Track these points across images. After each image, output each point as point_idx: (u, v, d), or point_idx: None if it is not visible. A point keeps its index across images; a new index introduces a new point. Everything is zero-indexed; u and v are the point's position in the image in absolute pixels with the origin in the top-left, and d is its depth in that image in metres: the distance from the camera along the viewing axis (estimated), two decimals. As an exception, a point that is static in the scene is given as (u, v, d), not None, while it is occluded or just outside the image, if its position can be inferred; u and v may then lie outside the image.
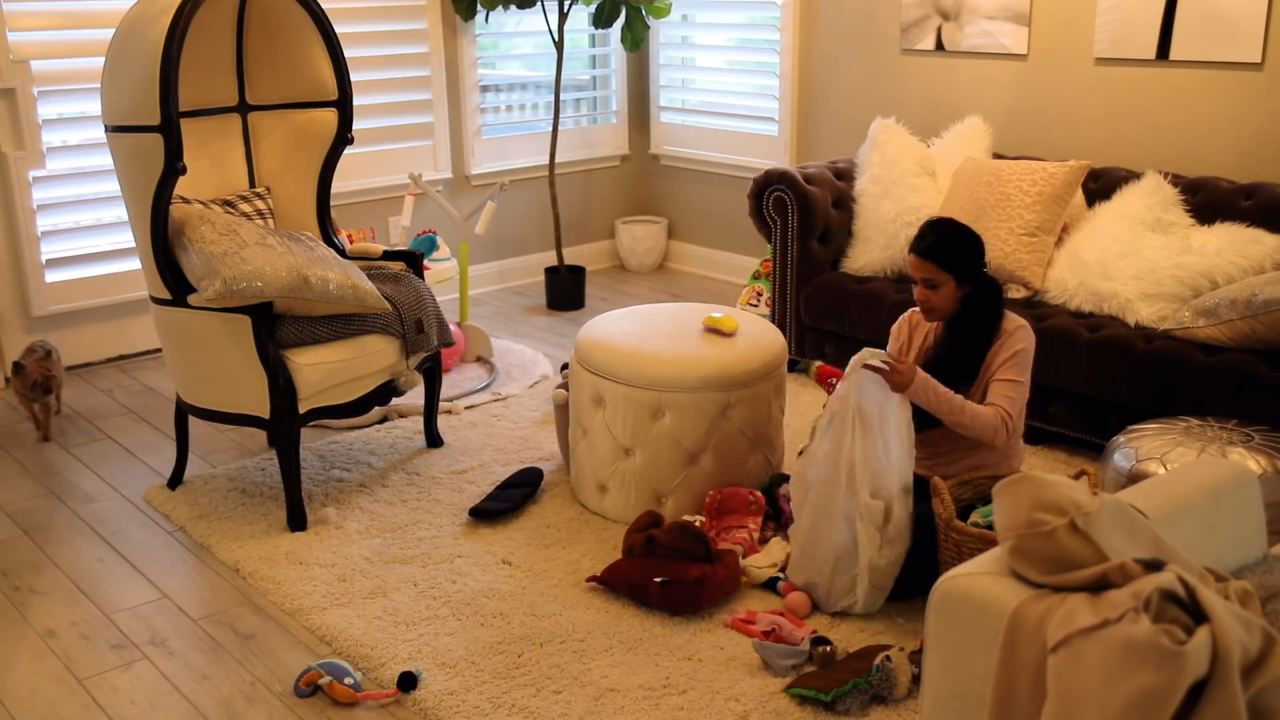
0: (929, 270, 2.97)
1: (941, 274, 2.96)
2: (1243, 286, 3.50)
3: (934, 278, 2.97)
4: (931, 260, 2.96)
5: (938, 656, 1.83)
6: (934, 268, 2.96)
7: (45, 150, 4.59)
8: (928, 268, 2.97)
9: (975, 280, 2.99)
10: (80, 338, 4.85)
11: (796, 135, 5.64)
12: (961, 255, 2.97)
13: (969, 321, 3.01)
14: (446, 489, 3.69)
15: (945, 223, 3.01)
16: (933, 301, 3.01)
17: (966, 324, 3.01)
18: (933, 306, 3.02)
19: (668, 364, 3.31)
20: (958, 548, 2.74)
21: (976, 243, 3.00)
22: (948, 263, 2.95)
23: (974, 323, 3.01)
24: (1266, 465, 3.01)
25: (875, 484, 2.83)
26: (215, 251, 3.24)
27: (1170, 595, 1.55)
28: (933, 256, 2.96)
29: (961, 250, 2.97)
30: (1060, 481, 1.74)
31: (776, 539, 3.21)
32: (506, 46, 6.01)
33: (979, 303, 3.01)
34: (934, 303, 3.01)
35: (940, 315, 3.03)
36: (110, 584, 3.20)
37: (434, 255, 4.75)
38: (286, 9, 3.72)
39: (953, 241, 2.97)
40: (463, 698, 2.64)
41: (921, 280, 2.99)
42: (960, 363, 3.01)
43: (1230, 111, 4.12)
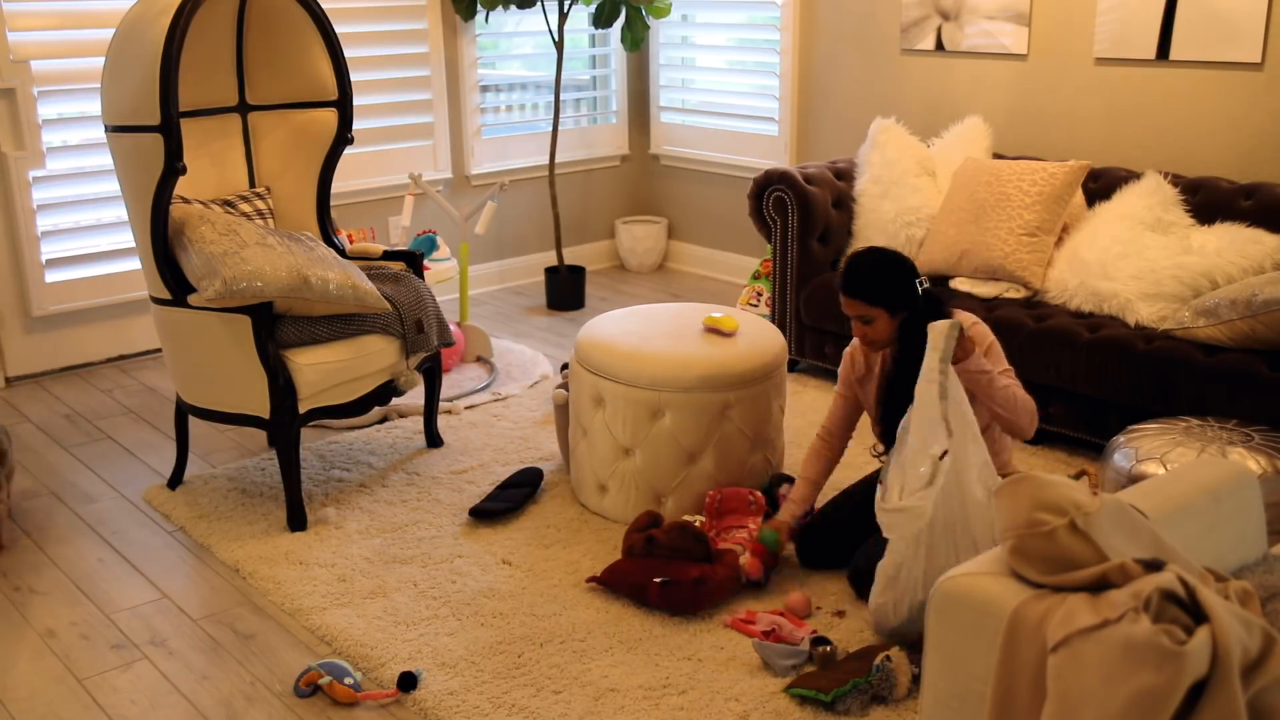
0: (858, 307, 2.88)
1: (871, 309, 2.87)
2: (1243, 286, 3.50)
3: (865, 313, 2.88)
4: (857, 297, 2.87)
5: (938, 656, 1.83)
6: (861, 304, 2.87)
7: (45, 150, 4.59)
8: (855, 305, 2.88)
9: (910, 304, 2.88)
10: (80, 338, 4.85)
11: (796, 135, 5.64)
12: (887, 286, 2.87)
13: (914, 344, 2.86)
14: (446, 489, 3.69)
15: (867, 255, 2.92)
16: (871, 335, 2.92)
17: (912, 347, 2.87)
18: (871, 340, 2.94)
19: (668, 364, 3.31)
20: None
21: (902, 268, 2.89)
22: (874, 296, 2.86)
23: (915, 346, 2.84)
24: (1266, 465, 3.01)
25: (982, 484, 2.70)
26: (215, 251, 3.24)
27: (1170, 595, 1.55)
28: (857, 293, 2.87)
29: (887, 281, 2.87)
30: (1060, 481, 1.74)
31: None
32: (506, 46, 6.01)
33: (920, 324, 2.85)
34: (872, 335, 2.92)
35: (883, 345, 2.95)
36: (110, 584, 3.20)
37: (434, 255, 4.75)
38: (286, 9, 3.72)
39: (874, 272, 2.88)
40: (463, 698, 2.64)
41: (854, 317, 2.91)
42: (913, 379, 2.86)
43: (1230, 111, 4.13)
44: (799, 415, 4.24)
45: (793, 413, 4.25)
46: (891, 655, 2.63)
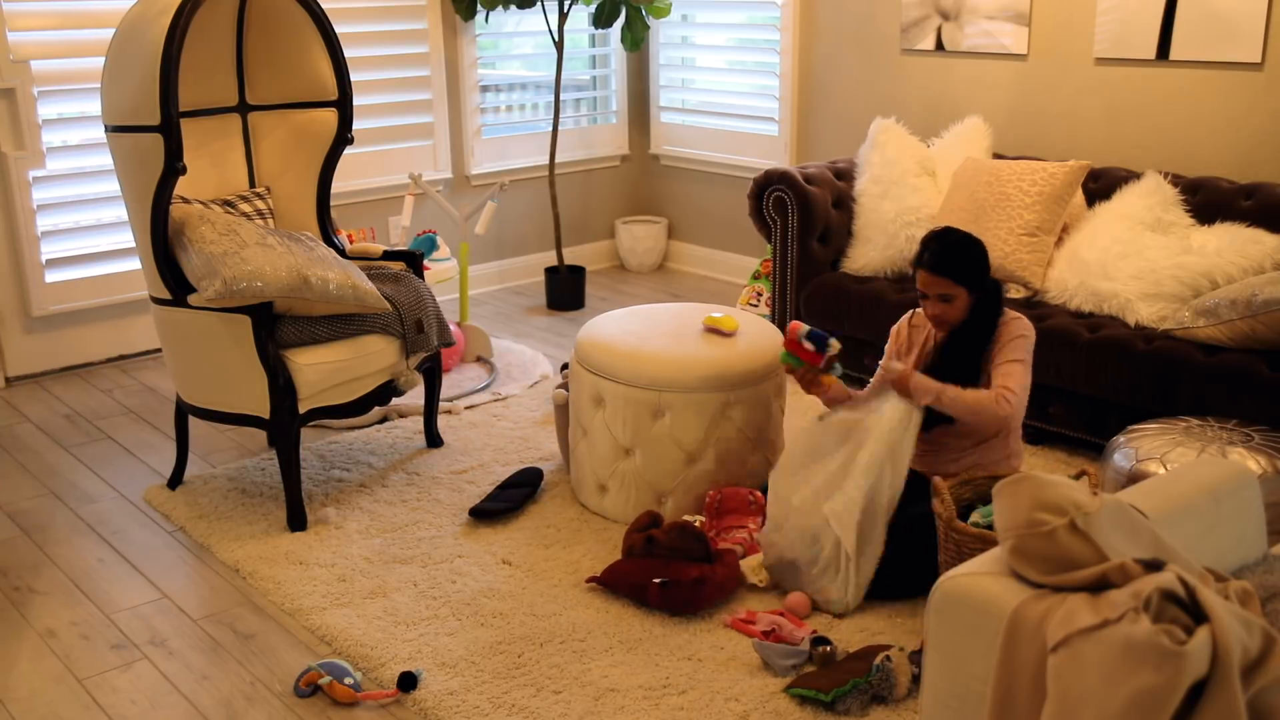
0: (943, 285, 2.91)
1: (956, 287, 2.91)
2: (1243, 286, 3.50)
3: (949, 291, 2.92)
4: (945, 275, 2.90)
5: (938, 656, 1.83)
6: (948, 282, 2.91)
7: (45, 150, 4.59)
8: (941, 283, 2.91)
9: (985, 286, 2.97)
10: (80, 338, 4.85)
11: (796, 135, 5.64)
12: (974, 264, 2.93)
13: (976, 326, 2.98)
14: (446, 489, 3.69)
15: (950, 232, 2.97)
16: (948, 315, 2.96)
17: (973, 328, 2.99)
18: (948, 319, 2.97)
19: (668, 364, 3.31)
20: (958, 548, 2.73)
21: (982, 248, 2.97)
22: (962, 274, 2.91)
23: (980, 326, 2.98)
24: (1266, 465, 3.01)
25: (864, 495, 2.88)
26: (215, 251, 3.24)
27: (1170, 595, 1.55)
28: (946, 271, 2.90)
29: (973, 259, 2.93)
30: (1060, 481, 1.74)
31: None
32: (506, 46, 6.01)
33: (986, 307, 2.98)
34: (949, 315, 2.96)
35: (953, 325, 2.99)
36: (110, 584, 3.20)
37: (434, 255, 4.75)
38: (286, 9, 3.72)
39: (963, 251, 2.92)
40: (463, 698, 2.64)
41: (935, 295, 2.93)
42: (967, 365, 2.99)
43: (1230, 111, 4.13)
44: (799, 415, 4.24)
45: (793, 413, 4.25)
46: (891, 655, 2.63)
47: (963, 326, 2.99)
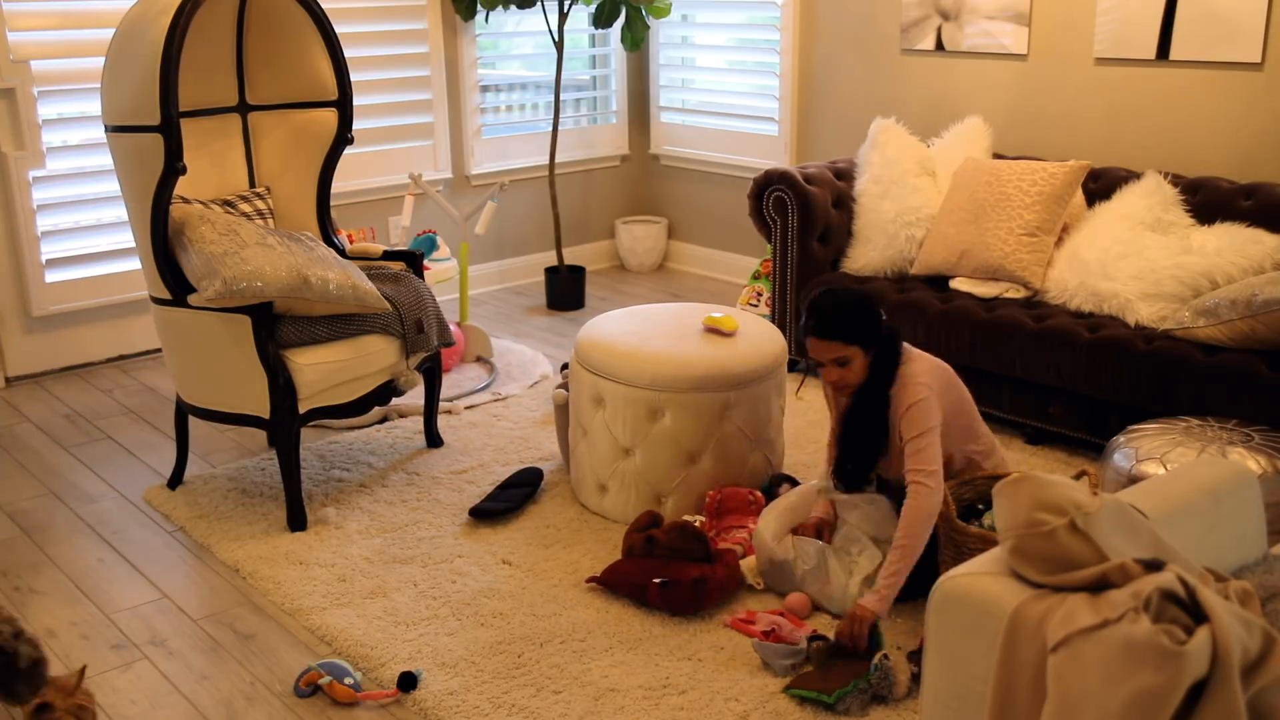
0: (834, 349, 2.79)
1: (849, 348, 2.79)
2: (1243, 286, 3.50)
3: (842, 354, 2.79)
4: (834, 338, 2.77)
5: (938, 656, 1.83)
6: (839, 345, 2.78)
7: (45, 150, 4.59)
8: (833, 347, 2.78)
9: (878, 340, 2.83)
10: (80, 338, 4.85)
11: (796, 135, 5.64)
12: (862, 321, 2.79)
13: (877, 383, 2.85)
14: (446, 489, 3.69)
15: (831, 295, 2.83)
16: (848, 378, 2.83)
17: (875, 386, 2.85)
18: (849, 383, 2.85)
19: (668, 364, 3.31)
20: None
21: (869, 302, 2.83)
22: (851, 334, 2.78)
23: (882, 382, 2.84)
24: (1266, 465, 3.01)
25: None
26: (215, 251, 3.24)
27: (1170, 595, 1.55)
28: (835, 334, 2.77)
29: (860, 315, 2.79)
30: (1060, 481, 1.74)
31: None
32: (506, 46, 6.01)
33: (884, 360, 2.84)
34: (850, 379, 2.84)
35: (856, 386, 2.86)
36: (110, 584, 3.20)
37: (434, 255, 4.75)
38: (286, 9, 3.72)
39: (849, 311, 2.78)
40: (463, 698, 2.64)
41: (831, 361, 2.81)
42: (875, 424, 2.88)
43: (1230, 111, 4.12)
44: (799, 415, 4.24)
45: (793, 413, 4.25)
46: (890, 655, 2.63)
47: (864, 386, 2.86)
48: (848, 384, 2.86)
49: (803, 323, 2.85)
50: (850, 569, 2.93)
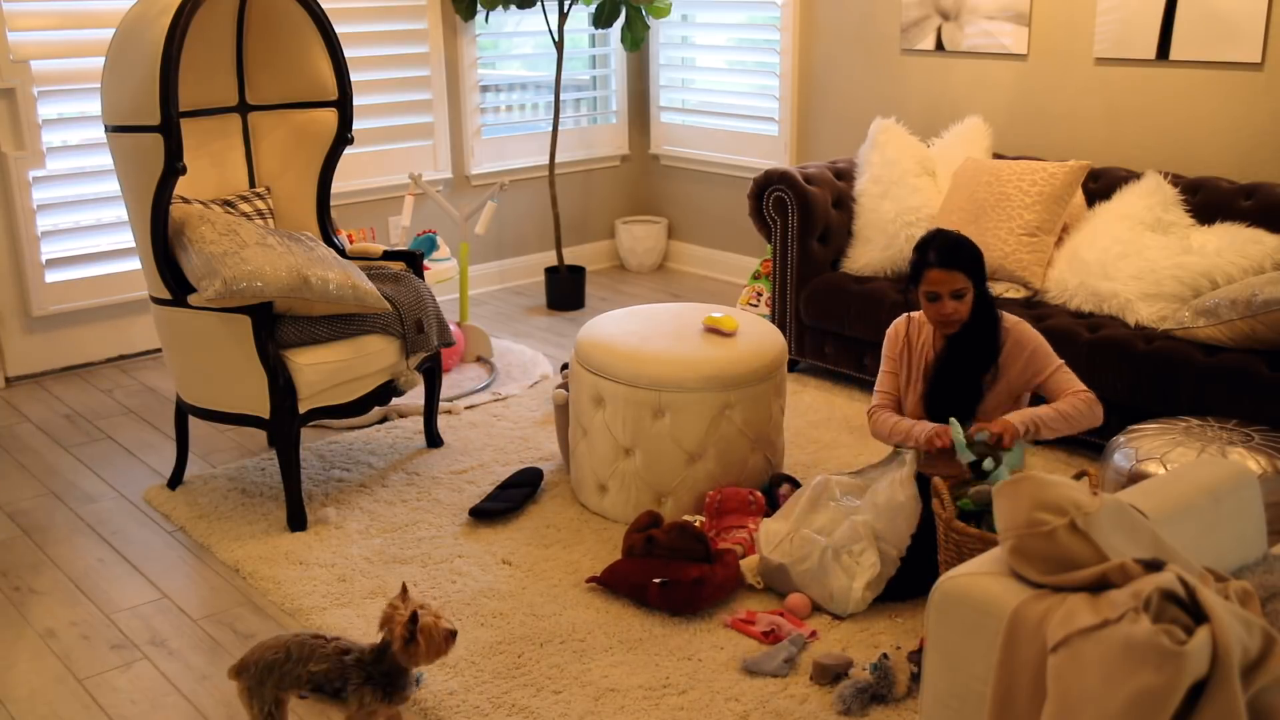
0: (956, 280, 2.92)
1: (967, 281, 2.93)
2: (1243, 286, 3.50)
3: (961, 286, 2.93)
4: (959, 269, 2.91)
5: (938, 656, 1.83)
6: (961, 276, 2.92)
7: (45, 150, 4.59)
8: (955, 278, 2.91)
9: (984, 283, 3.00)
10: (80, 338, 4.85)
11: (796, 135, 5.64)
12: (978, 258, 2.96)
13: (980, 325, 3.00)
14: (446, 489, 3.69)
15: (946, 231, 3.00)
16: (961, 311, 2.96)
17: (978, 328, 3.00)
18: (961, 316, 2.98)
19: (668, 364, 3.31)
20: (958, 548, 2.73)
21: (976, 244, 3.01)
22: (970, 268, 2.93)
23: (984, 325, 3.00)
24: (1266, 465, 3.01)
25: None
26: (215, 251, 3.24)
27: (1170, 595, 1.55)
28: (958, 264, 2.91)
29: (976, 253, 2.96)
30: (1060, 481, 1.74)
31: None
32: (506, 46, 6.01)
33: (985, 305, 3.00)
34: (962, 312, 2.96)
35: (962, 322, 3.00)
36: (110, 584, 3.20)
37: (434, 255, 4.75)
38: (286, 9, 3.72)
39: (967, 246, 2.95)
40: (463, 698, 2.64)
41: (950, 293, 2.93)
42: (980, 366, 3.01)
43: (1230, 111, 4.13)
44: (799, 415, 4.24)
45: (793, 413, 4.25)
46: (890, 655, 2.63)
47: (966, 328, 3.00)
48: (959, 318, 2.97)
49: (918, 258, 2.96)
50: (852, 571, 2.93)
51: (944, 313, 2.97)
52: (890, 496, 2.95)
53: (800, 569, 2.95)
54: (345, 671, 2.32)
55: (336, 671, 2.32)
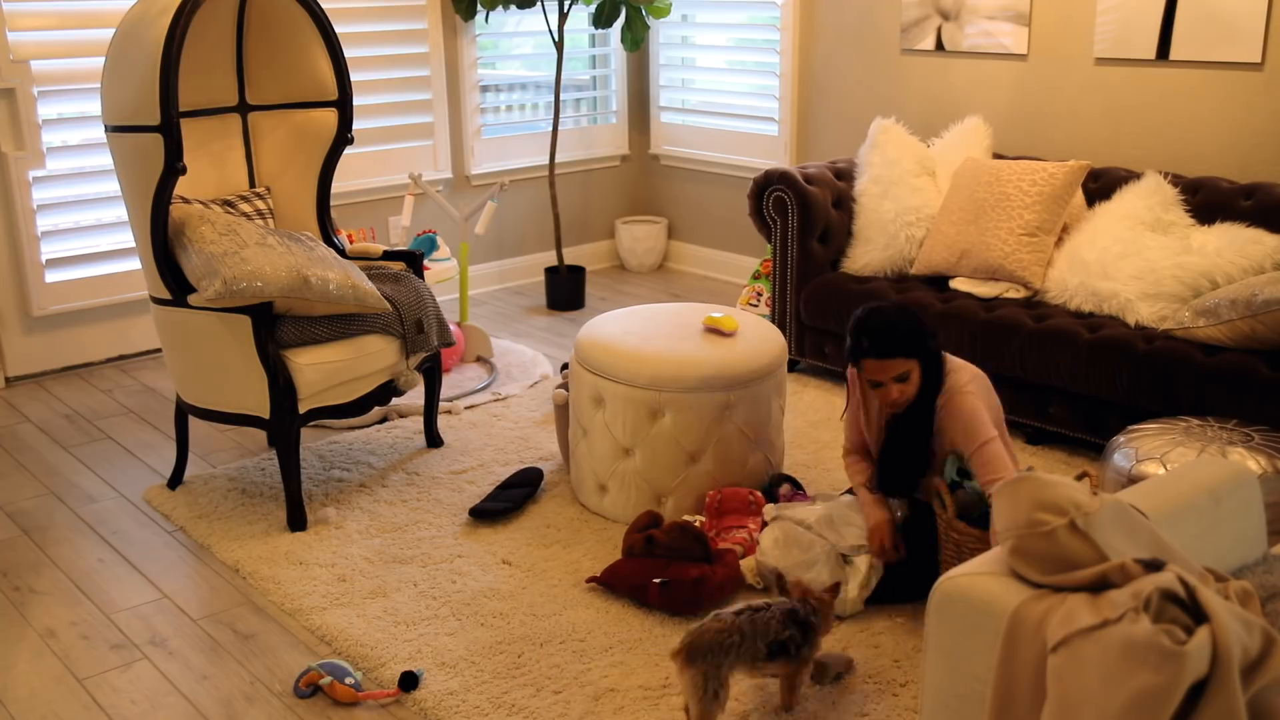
0: (898, 366, 2.73)
1: (909, 362, 2.74)
2: (1243, 286, 3.50)
3: (904, 370, 2.74)
4: (897, 355, 2.72)
5: (938, 656, 1.83)
6: (901, 361, 2.73)
7: (45, 150, 4.59)
8: (895, 365, 2.73)
9: (930, 348, 2.79)
10: (80, 338, 4.85)
11: (796, 135, 5.64)
12: (918, 334, 2.74)
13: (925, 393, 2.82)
14: (446, 489, 3.69)
15: (879, 313, 2.77)
16: (908, 393, 2.78)
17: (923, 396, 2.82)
18: (909, 398, 2.80)
19: (668, 364, 3.31)
20: (958, 548, 2.74)
21: (916, 313, 2.80)
22: (911, 348, 2.74)
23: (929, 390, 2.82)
24: (1266, 465, 3.01)
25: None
26: (215, 251, 3.24)
27: (1170, 595, 1.55)
28: (897, 351, 2.71)
29: (915, 329, 2.75)
30: (1060, 481, 1.74)
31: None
32: (506, 46, 6.01)
33: (932, 369, 2.81)
34: (909, 393, 2.79)
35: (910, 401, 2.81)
36: (110, 584, 3.20)
37: (434, 255, 4.75)
38: (286, 9, 3.72)
39: (905, 326, 2.74)
40: (463, 698, 2.64)
41: (891, 380, 2.75)
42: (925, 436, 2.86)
43: (1230, 111, 4.13)
44: (799, 415, 4.24)
45: (793, 413, 4.25)
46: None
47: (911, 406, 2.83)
48: (908, 398, 2.80)
49: (853, 346, 2.77)
50: (847, 576, 2.93)
51: (888, 399, 2.80)
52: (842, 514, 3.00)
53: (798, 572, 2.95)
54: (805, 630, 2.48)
55: (799, 633, 2.48)
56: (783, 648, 2.45)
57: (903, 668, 2.74)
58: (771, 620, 2.45)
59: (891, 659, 2.77)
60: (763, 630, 2.42)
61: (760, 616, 2.45)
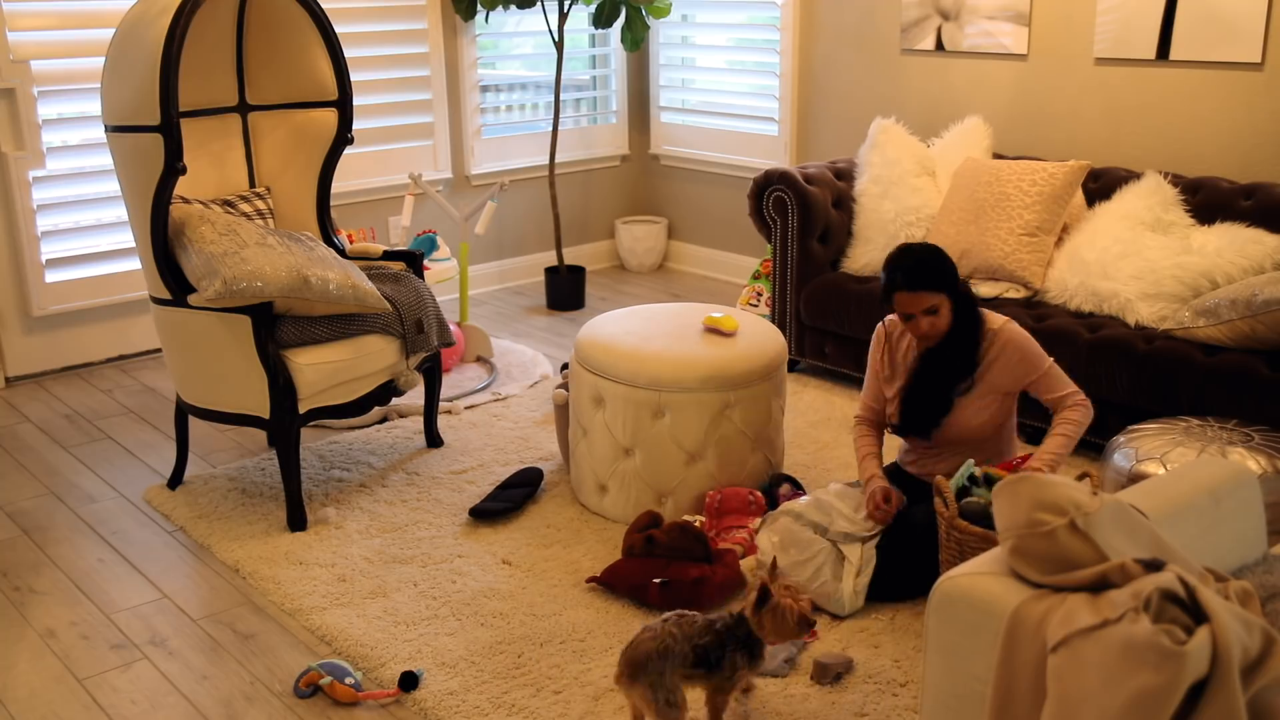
0: (926, 299, 2.88)
1: (938, 296, 2.89)
2: (1243, 286, 3.50)
3: (933, 303, 2.89)
4: (926, 288, 2.87)
5: (938, 656, 1.83)
6: (930, 294, 2.88)
7: (45, 150, 4.59)
8: (924, 298, 2.88)
9: (959, 288, 2.95)
10: (80, 338, 4.85)
11: (796, 135, 5.64)
12: (947, 269, 2.90)
13: (961, 328, 2.96)
14: (446, 489, 3.69)
15: (912, 248, 2.95)
16: (938, 326, 2.93)
17: (960, 332, 2.96)
18: (938, 331, 2.94)
19: (668, 364, 3.31)
20: (958, 548, 2.73)
21: (944, 253, 2.96)
22: (940, 282, 2.89)
23: (966, 328, 2.96)
24: (1266, 465, 3.01)
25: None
26: (215, 251, 3.24)
27: (1170, 595, 1.55)
28: (925, 284, 2.87)
29: (944, 264, 2.91)
30: (1060, 481, 1.74)
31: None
32: (506, 46, 6.01)
33: (965, 307, 2.96)
34: (939, 327, 2.93)
35: (941, 336, 2.97)
36: (110, 584, 3.20)
37: (434, 255, 4.75)
38: (286, 9, 3.72)
39: (934, 260, 2.90)
40: (463, 698, 2.64)
41: (921, 312, 2.90)
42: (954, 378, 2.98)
43: (1230, 111, 4.12)
44: (799, 415, 4.24)
45: (793, 413, 4.25)
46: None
47: (944, 341, 2.97)
48: (938, 332, 2.94)
49: (886, 282, 2.92)
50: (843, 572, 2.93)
51: (919, 331, 2.94)
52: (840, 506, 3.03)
53: (798, 571, 2.95)
54: (722, 639, 2.40)
55: (716, 641, 2.40)
56: (704, 655, 2.39)
57: (903, 668, 2.74)
58: (695, 624, 2.42)
59: (891, 659, 2.77)
60: (688, 633, 2.40)
61: (686, 620, 2.43)
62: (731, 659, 2.40)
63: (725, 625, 2.42)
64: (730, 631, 2.41)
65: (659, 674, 2.36)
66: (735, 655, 2.41)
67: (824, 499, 3.05)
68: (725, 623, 2.43)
